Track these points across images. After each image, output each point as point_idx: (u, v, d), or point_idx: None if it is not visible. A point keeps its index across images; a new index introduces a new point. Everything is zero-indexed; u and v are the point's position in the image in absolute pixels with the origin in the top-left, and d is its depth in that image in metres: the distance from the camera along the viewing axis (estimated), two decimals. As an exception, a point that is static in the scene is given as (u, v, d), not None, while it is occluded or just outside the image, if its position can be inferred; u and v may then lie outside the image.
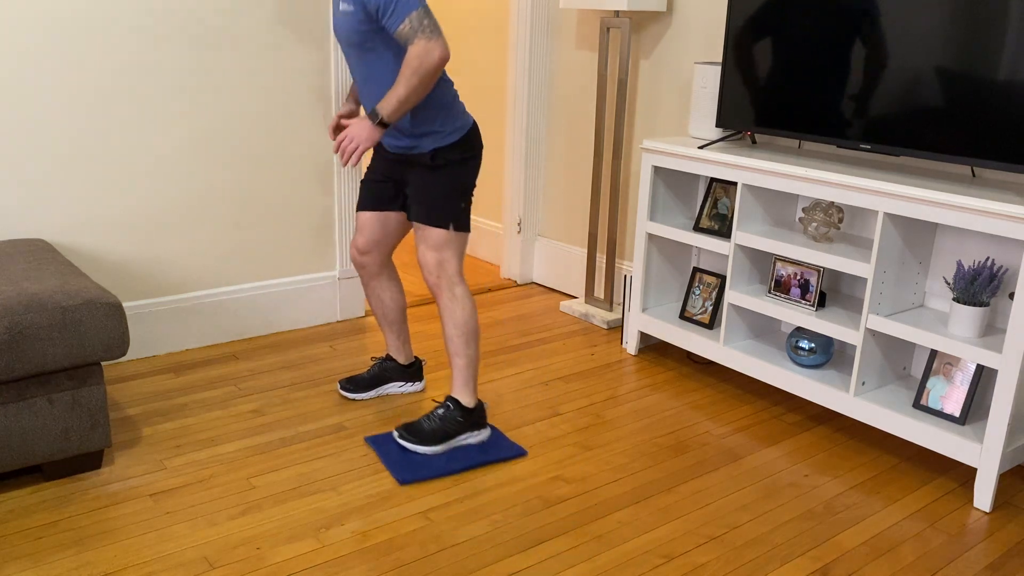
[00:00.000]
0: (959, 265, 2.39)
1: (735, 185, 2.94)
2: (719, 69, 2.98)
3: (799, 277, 2.75)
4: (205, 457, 2.43)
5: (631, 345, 3.28)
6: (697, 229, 3.03)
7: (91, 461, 2.33)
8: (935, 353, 2.50)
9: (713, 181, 3.04)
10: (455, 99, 2.43)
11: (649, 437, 2.64)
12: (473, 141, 2.45)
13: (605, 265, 3.67)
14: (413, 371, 2.85)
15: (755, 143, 3.06)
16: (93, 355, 2.19)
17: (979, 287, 2.34)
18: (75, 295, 2.18)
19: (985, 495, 2.30)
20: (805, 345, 2.75)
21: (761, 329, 3.04)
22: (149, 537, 2.06)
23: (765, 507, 2.28)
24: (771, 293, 2.82)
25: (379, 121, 2.26)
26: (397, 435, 2.51)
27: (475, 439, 2.55)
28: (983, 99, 2.32)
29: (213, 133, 3.05)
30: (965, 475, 2.47)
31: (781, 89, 2.78)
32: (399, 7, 2.18)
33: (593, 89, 3.69)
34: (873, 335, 2.55)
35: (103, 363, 2.92)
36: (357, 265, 2.68)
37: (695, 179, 3.23)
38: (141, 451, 2.45)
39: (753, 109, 2.87)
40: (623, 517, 2.22)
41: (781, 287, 2.79)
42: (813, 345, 2.75)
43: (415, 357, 2.88)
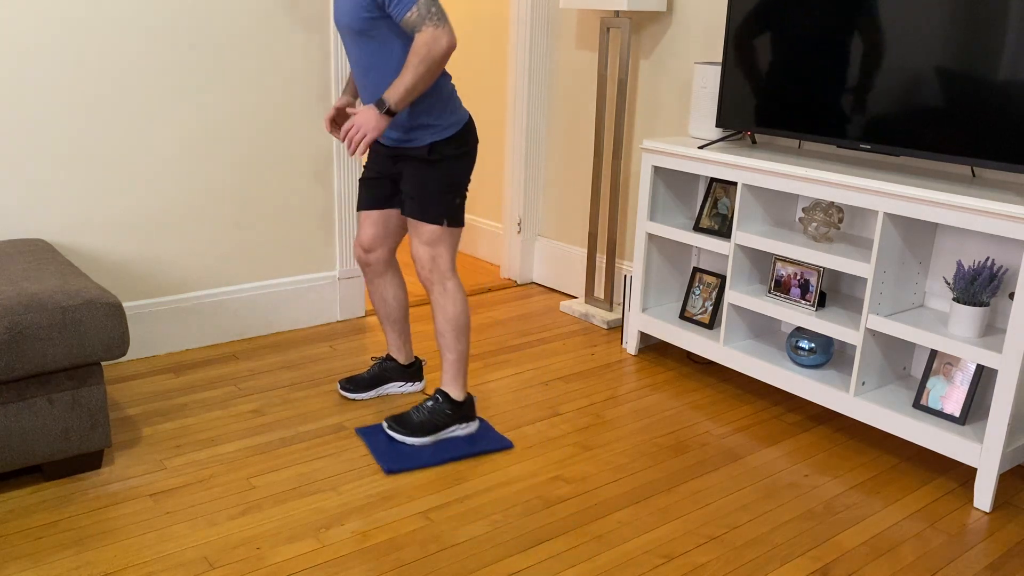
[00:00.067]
0: (959, 265, 2.39)
1: (735, 185, 2.94)
2: (719, 69, 2.98)
3: (799, 277, 2.75)
4: (205, 457, 2.43)
5: (631, 345, 3.28)
6: (697, 229, 3.03)
7: (91, 461, 2.33)
8: (935, 353, 2.50)
9: (713, 181, 3.04)
10: (453, 93, 2.43)
11: (649, 437, 2.64)
12: (469, 136, 2.46)
13: (605, 265, 3.67)
14: (413, 371, 2.86)
15: (755, 143, 3.06)
16: (93, 355, 2.19)
17: (979, 287, 2.34)
18: (75, 295, 2.18)
19: (985, 495, 2.30)
20: (805, 345, 2.75)
21: (761, 329, 3.04)
22: (149, 537, 2.06)
23: (765, 507, 2.28)
24: (771, 293, 2.82)
25: (386, 110, 2.25)
26: (386, 426, 2.55)
27: (463, 431, 2.58)
28: (983, 99, 2.32)
29: (213, 133, 3.05)
30: (965, 475, 2.47)
31: (781, 89, 2.78)
32: None
33: (593, 89, 3.69)
34: (873, 335, 2.55)
35: (103, 363, 2.92)
36: (362, 263, 2.68)
37: (695, 179, 3.23)
38: (141, 451, 2.45)
39: (753, 109, 2.87)
40: (623, 517, 2.22)
41: (781, 287, 2.79)
42: (813, 345, 2.75)
43: (415, 357, 2.88)
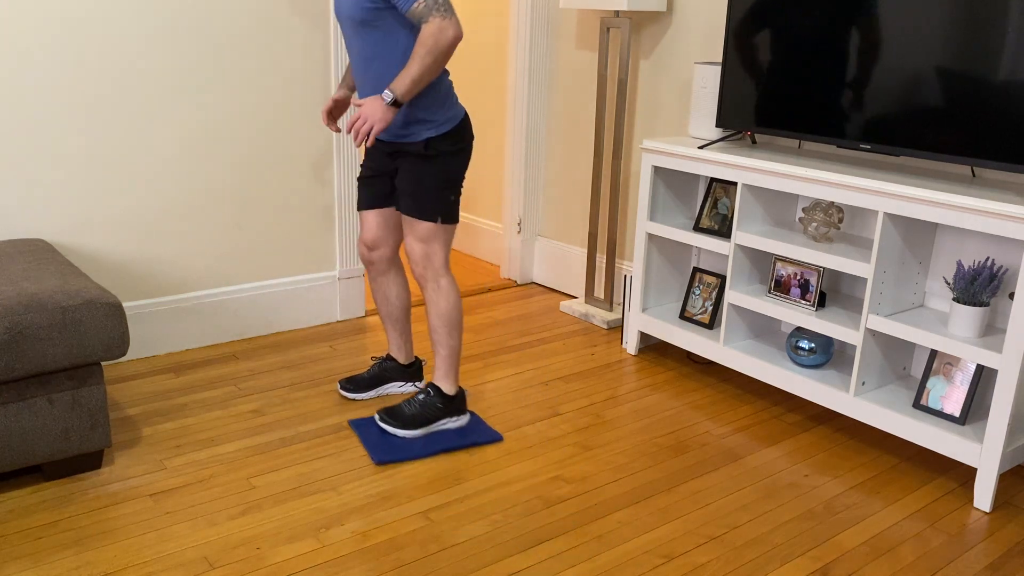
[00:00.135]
0: (959, 265, 2.39)
1: (735, 185, 2.94)
2: (719, 69, 2.98)
3: (799, 277, 2.75)
4: (205, 457, 2.43)
5: (631, 345, 3.28)
6: (697, 229, 3.03)
7: (91, 461, 2.33)
8: (935, 353, 2.50)
9: (713, 181, 3.04)
10: (450, 89, 2.44)
11: (649, 437, 2.64)
12: (465, 132, 2.46)
13: (605, 265, 3.67)
14: (413, 371, 2.85)
15: (755, 143, 3.06)
16: (93, 355, 2.19)
17: (979, 287, 2.34)
18: (75, 295, 2.18)
19: (985, 495, 2.30)
20: (805, 345, 2.75)
21: (761, 329, 3.04)
22: (149, 537, 2.06)
23: (765, 507, 2.28)
24: (771, 293, 2.82)
25: (392, 101, 2.26)
26: (378, 418, 2.58)
27: (454, 424, 2.61)
28: (983, 99, 2.32)
29: (213, 133, 3.05)
30: (965, 475, 2.47)
31: (781, 89, 2.78)
32: None
33: (593, 89, 3.69)
34: (873, 335, 2.55)
35: (103, 363, 2.92)
36: (366, 261, 2.69)
37: (695, 179, 3.23)
38: (141, 451, 2.45)
39: (753, 109, 2.87)
40: (623, 517, 2.22)
41: (781, 287, 2.79)
42: (813, 345, 2.75)
43: (415, 357, 2.88)
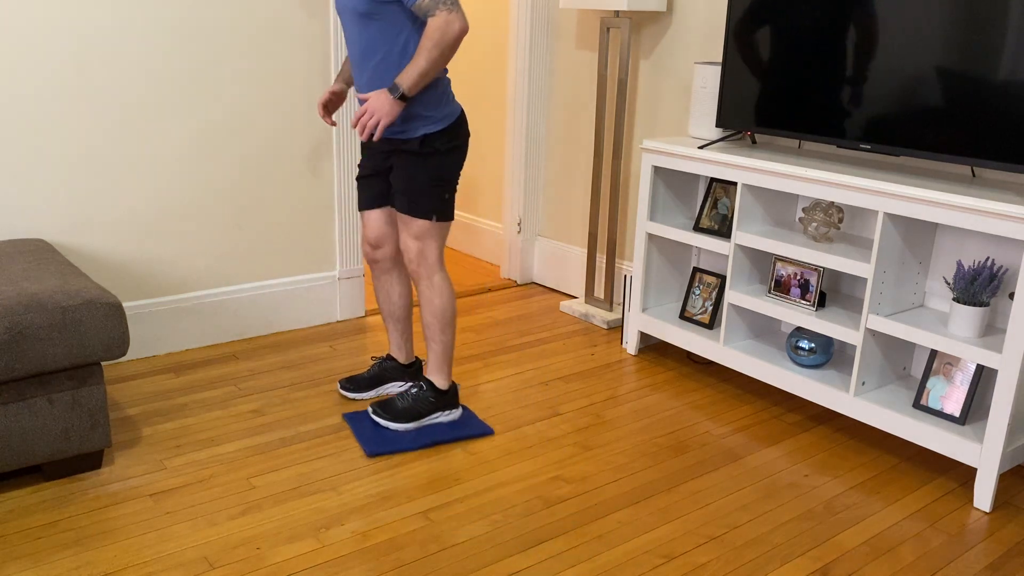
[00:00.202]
0: (959, 265, 2.39)
1: (735, 185, 2.94)
2: (719, 69, 2.98)
3: (799, 277, 2.75)
4: (205, 457, 2.43)
5: (631, 345, 3.28)
6: (697, 229, 3.03)
7: (91, 461, 2.33)
8: (935, 353, 2.50)
9: (713, 181, 3.04)
10: (448, 87, 2.44)
11: (649, 437, 2.64)
12: (460, 129, 2.47)
13: (605, 265, 3.67)
14: (413, 371, 2.85)
15: (755, 143, 3.06)
16: (93, 355, 2.19)
17: (979, 287, 2.34)
18: (75, 295, 2.18)
19: (985, 495, 2.30)
20: (805, 345, 2.75)
21: (761, 329, 3.04)
22: (149, 537, 2.06)
23: (765, 507, 2.28)
24: (771, 293, 2.82)
25: (400, 95, 2.26)
26: (371, 411, 2.62)
27: (446, 418, 2.65)
28: (983, 99, 2.32)
29: (213, 133, 3.05)
30: (965, 475, 2.47)
31: (781, 89, 2.78)
32: None
33: (593, 89, 3.69)
34: (873, 335, 2.55)
35: (103, 363, 2.92)
36: (370, 260, 2.70)
37: (695, 179, 3.23)
38: (141, 451, 2.45)
39: (753, 109, 2.87)
40: (623, 517, 2.22)
41: (781, 287, 2.79)
42: (813, 345, 2.74)
43: (416, 357, 2.88)
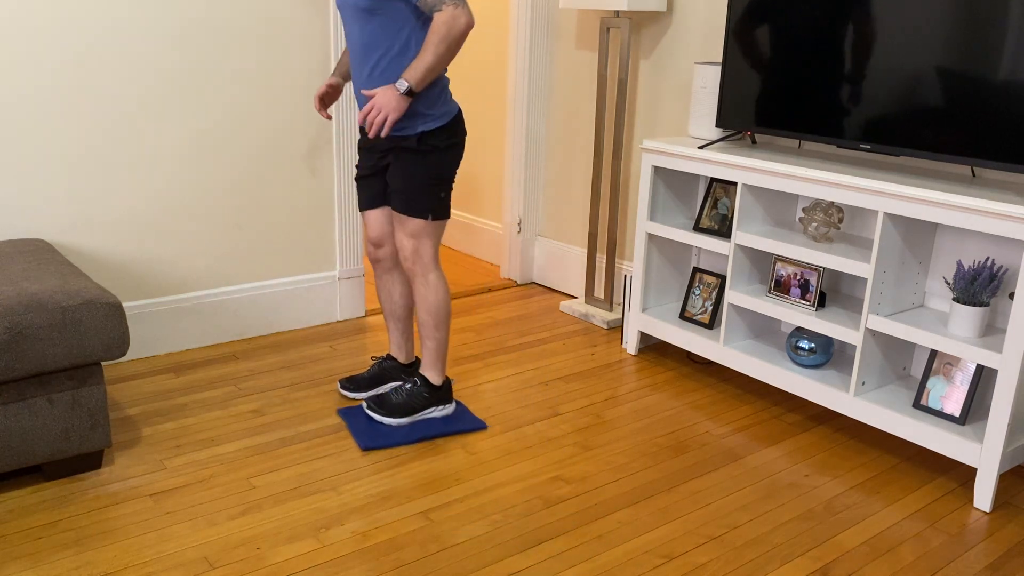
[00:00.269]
0: (959, 265, 2.39)
1: (735, 185, 2.94)
2: (719, 69, 2.98)
3: (799, 277, 2.75)
4: (205, 457, 2.43)
5: (631, 345, 3.28)
6: (697, 229, 3.03)
7: (91, 461, 2.33)
8: (935, 353, 2.50)
9: (713, 181, 3.04)
10: (446, 85, 2.45)
11: (649, 437, 2.64)
12: (457, 127, 2.47)
13: (605, 265, 3.67)
14: (413, 371, 2.85)
15: (755, 143, 3.06)
16: (93, 355, 2.19)
17: (979, 287, 2.34)
18: (75, 295, 2.18)
19: (985, 495, 2.30)
20: (805, 345, 2.75)
21: (761, 329, 3.04)
22: (149, 537, 2.06)
23: (765, 507, 2.28)
24: (771, 293, 2.82)
25: (407, 90, 2.27)
26: (366, 407, 2.64)
27: (440, 413, 2.68)
28: (983, 99, 2.32)
29: (213, 133, 3.05)
30: (965, 475, 2.47)
31: (781, 89, 2.78)
32: None
33: (593, 89, 3.69)
34: (873, 335, 2.55)
35: (103, 363, 2.92)
36: (373, 259, 2.70)
37: (695, 179, 3.23)
38: (141, 451, 2.45)
39: (753, 109, 2.87)
40: (623, 517, 2.22)
41: (781, 287, 2.79)
42: (813, 345, 2.74)
43: (416, 357, 2.88)
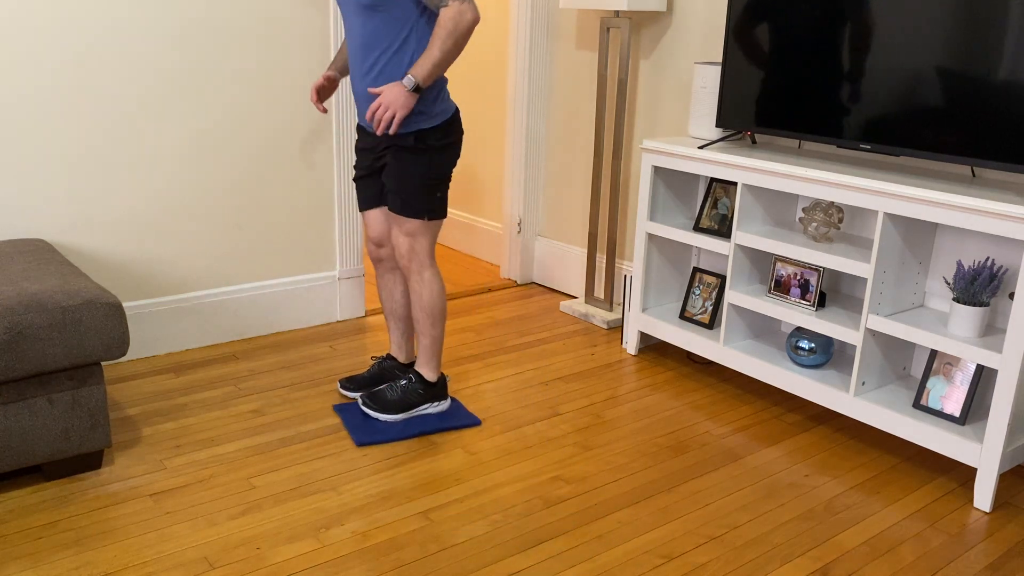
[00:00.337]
0: (959, 265, 2.39)
1: (735, 185, 2.94)
2: (719, 69, 2.98)
3: (799, 277, 2.75)
4: (205, 457, 2.43)
5: (631, 345, 3.28)
6: (697, 229, 3.03)
7: (91, 461, 2.33)
8: (935, 353, 2.50)
9: (713, 181, 3.04)
10: (444, 84, 2.45)
11: (649, 437, 2.64)
12: (454, 126, 2.48)
13: (605, 265, 3.67)
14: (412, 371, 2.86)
15: (755, 143, 3.06)
16: (93, 355, 2.19)
17: (979, 287, 2.34)
18: (75, 295, 2.18)
19: (985, 495, 2.30)
20: (805, 345, 2.75)
21: (761, 329, 3.04)
22: (149, 537, 2.06)
23: (765, 507, 2.28)
24: (771, 293, 2.82)
25: (414, 87, 2.28)
26: (361, 403, 2.66)
27: (435, 409, 2.69)
28: (983, 99, 2.32)
29: (213, 133, 3.05)
30: (965, 475, 2.47)
31: (781, 89, 2.78)
32: None
33: (593, 89, 3.69)
34: (873, 335, 2.55)
35: (103, 363, 2.92)
36: (374, 259, 2.71)
37: (695, 179, 3.23)
38: (141, 451, 2.45)
39: (753, 109, 2.87)
40: (623, 517, 2.22)
41: (781, 287, 2.79)
42: (813, 345, 2.74)
43: (416, 357, 2.88)
